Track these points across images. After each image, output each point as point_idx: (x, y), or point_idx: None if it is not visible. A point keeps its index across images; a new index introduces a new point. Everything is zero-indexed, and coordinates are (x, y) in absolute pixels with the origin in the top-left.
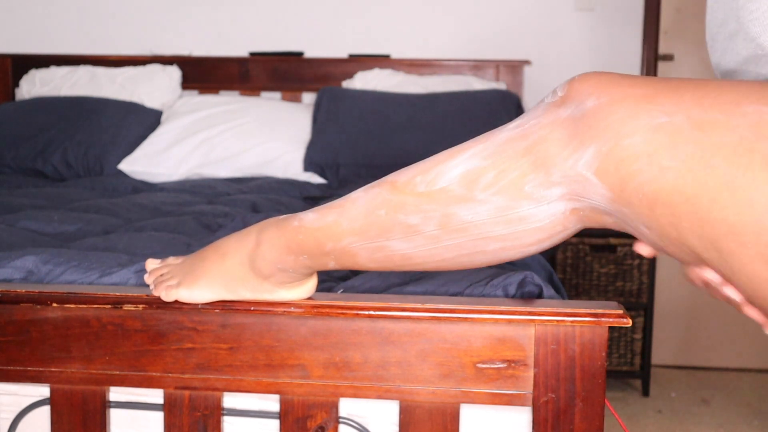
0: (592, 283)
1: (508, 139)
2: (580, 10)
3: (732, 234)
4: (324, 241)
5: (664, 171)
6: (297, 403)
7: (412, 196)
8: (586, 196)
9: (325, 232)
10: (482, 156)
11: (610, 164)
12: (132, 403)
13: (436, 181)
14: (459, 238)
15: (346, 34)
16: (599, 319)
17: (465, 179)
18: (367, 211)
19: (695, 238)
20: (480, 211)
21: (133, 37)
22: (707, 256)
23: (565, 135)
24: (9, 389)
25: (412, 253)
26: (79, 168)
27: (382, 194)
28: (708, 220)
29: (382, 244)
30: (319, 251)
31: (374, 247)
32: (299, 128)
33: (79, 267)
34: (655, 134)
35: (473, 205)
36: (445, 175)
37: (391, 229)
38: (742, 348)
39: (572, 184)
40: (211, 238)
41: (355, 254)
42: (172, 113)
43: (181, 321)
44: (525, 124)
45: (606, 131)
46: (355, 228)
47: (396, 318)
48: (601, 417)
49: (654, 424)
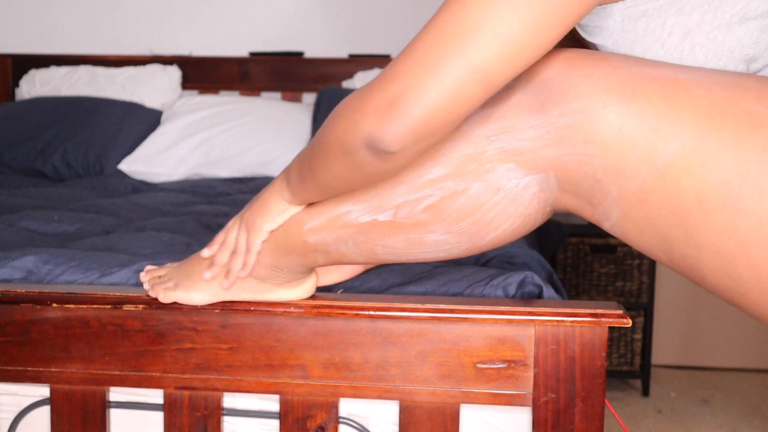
0: (592, 283)
1: (476, 124)
2: None
3: (698, 203)
4: (308, 238)
5: (633, 141)
6: (297, 403)
7: None
8: (550, 168)
9: (310, 230)
10: (447, 164)
11: (568, 131)
12: (132, 403)
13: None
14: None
15: (346, 34)
16: (599, 319)
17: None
18: (341, 204)
19: (665, 215)
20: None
21: (133, 37)
22: (673, 235)
23: (529, 106)
24: (9, 389)
25: (392, 244)
26: (79, 168)
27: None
28: (676, 192)
29: (367, 236)
30: (306, 249)
31: (359, 240)
32: (299, 128)
33: (79, 267)
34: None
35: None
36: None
37: (371, 224)
38: (742, 348)
39: (537, 154)
40: (211, 238)
41: (341, 249)
42: (172, 113)
43: (181, 321)
44: (491, 108)
45: (563, 96)
46: (338, 223)
47: (396, 318)
48: (601, 417)
49: (654, 424)
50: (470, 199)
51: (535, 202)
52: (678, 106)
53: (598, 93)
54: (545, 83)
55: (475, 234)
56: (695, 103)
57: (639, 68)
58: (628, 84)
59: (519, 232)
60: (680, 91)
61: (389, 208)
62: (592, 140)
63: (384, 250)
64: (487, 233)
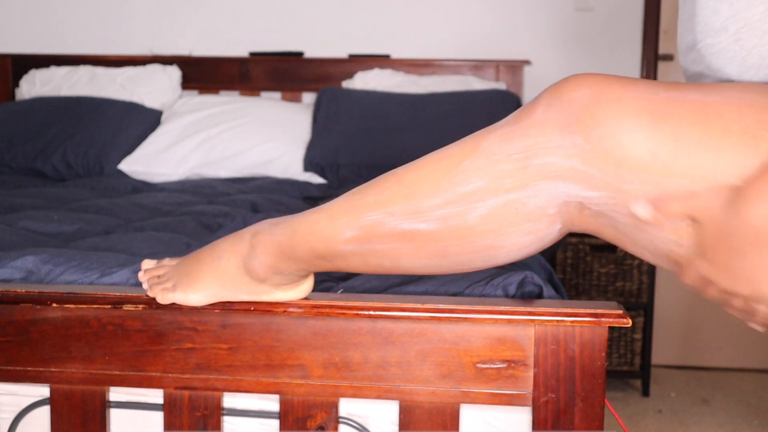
0: (592, 283)
1: (497, 141)
2: (580, 10)
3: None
4: (316, 245)
5: (655, 155)
6: (297, 403)
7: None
8: (575, 185)
9: (317, 237)
10: (474, 171)
11: (597, 153)
12: (132, 403)
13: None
14: (450, 242)
15: (346, 34)
16: (599, 319)
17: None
18: (358, 216)
19: (698, 237)
20: (469, 212)
21: (133, 37)
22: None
23: (555, 125)
24: (9, 389)
25: (402, 258)
26: (79, 168)
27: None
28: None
29: (374, 248)
30: (311, 255)
31: (366, 251)
32: (299, 128)
33: (79, 267)
34: (651, 120)
35: (465, 210)
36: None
37: (383, 234)
38: (742, 348)
39: (561, 173)
40: (211, 238)
41: (347, 258)
42: (172, 113)
43: (181, 321)
44: (515, 124)
45: (591, 119)
46: (347, 233)
47: (396, 318)
48: (601, 417)
49: (654, 424)
50: (485, 218)
51: (554, 223)
52: (710, 134)
53: (628, 117)
54: (572, 103)
55: (487, 250)
56: (728, 129)
57: (667, 92)
58: (658, 109)
59: (531, 251)
60: (711, 115)
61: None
62: (625, 165)
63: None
64: (500, 251)
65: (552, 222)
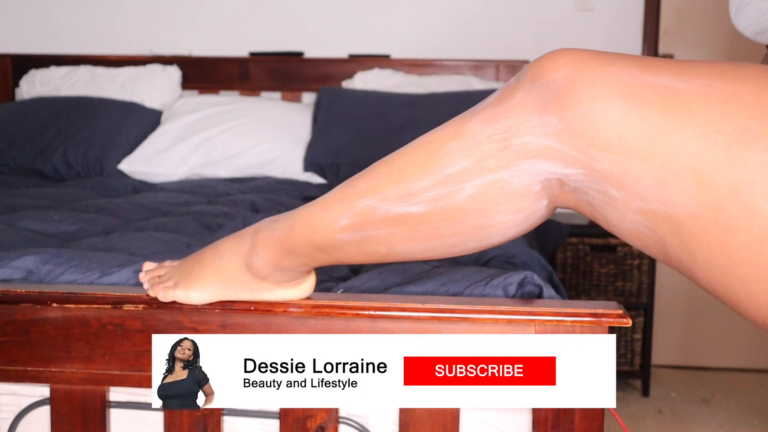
0: (592, 283)
1: (480, 123)
2: (580, 10)
3: (692, 219)
4: (313, 237)
5: (634, 152)
6: None
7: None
8: (553, 163)
9: (314, 228)
10: (459, 153)
11: (570, 132)
12: (132, 403)
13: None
14: (441, 223)
15: (346, 34)
16: (599, 319)
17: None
18: (352, 204)
19: (661, 222)
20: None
21: (133, 37)
22: (669, 241)
23: (533, 106)
24: (9, 389)
25: (397, 243)
26: (79, 168)
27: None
28: (672, 205)
29: (369, 234)
30: (310, 248)
31: (361, 238)
32: (299, 128)
33: (79, 267)
34: (622, 104)
35: (453, 190)
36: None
37: (377, 220)
38: (742, 348)
39: (540, 152)
40: (211, 238)
41: (344, 248)
42: (172, 113)
43: (181, 321)
44: (497, 106)
45: (566, 99)
46: (342, 222)
47: (396, 318)
48: (601, 417)
49: (654, 424)
50: (473, 198)
51: (540, 200)
52: (674, 123)
53: (601, 99)
54: (549, 84)
55: (478, 229)
56: (692, 119)
57: (642, 74)
58: (628, 92)
59: (522, 228)
60: (678, 105)
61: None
62: (594, 144)
63: (387, 249)
64: (492, 230)
65: (538, 199)
